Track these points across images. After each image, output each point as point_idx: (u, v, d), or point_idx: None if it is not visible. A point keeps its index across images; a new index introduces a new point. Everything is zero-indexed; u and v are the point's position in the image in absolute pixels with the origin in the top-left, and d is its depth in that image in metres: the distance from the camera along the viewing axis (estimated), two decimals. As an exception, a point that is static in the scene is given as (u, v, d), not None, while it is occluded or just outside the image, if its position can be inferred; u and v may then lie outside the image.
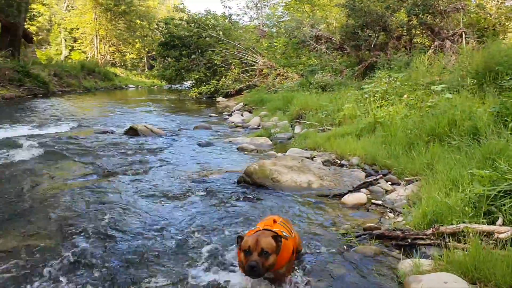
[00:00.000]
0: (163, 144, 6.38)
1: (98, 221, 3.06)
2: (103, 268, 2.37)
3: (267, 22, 29.17)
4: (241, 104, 12.95)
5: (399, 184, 3.97)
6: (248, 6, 32.20)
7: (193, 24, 19.20)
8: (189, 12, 20.41)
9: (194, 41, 19.03)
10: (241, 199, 3.62)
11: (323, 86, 12.25)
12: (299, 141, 6.35)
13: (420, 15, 12.12)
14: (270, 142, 6.58)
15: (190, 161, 5.17)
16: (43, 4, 31.93)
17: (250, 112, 11.39)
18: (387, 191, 3.84)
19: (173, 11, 25.34)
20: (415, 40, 14.07)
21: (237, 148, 6.07)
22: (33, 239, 2.74)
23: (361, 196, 3.54)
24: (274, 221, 2.29)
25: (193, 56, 19.16)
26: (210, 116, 11.33)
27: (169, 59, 19.18)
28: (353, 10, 14.33)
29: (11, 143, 5.90)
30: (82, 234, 2.83)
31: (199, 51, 19.01)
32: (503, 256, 2.08)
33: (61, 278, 2.26)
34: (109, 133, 7.37)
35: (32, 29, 33.18)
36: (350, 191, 3.76)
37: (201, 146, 6.24)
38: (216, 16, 20.15)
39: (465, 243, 2.31)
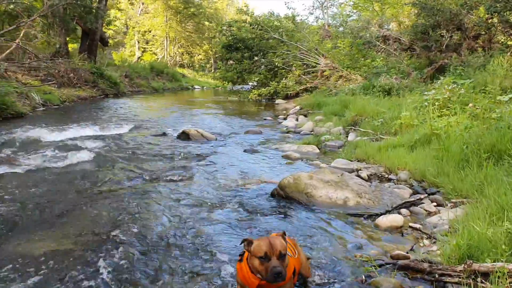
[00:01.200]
0: (210, 149, 6.51)
1: (126, 229, 3.19)
2: (119, 274, 2.47)
3: (334, 22, 28.56)
4: (298, 107, 12.80)
5: (444, 206, 3.64)
6: (313, 6, 31.74)
7: (256, 26, 19.40)
8: (253, 14, 20.63)
9: (256, 43, 19.23)
10: (271, 213, 3.56)
11: (388, 89, 11.68)
12: (348, 151, 6.11)
13: (501, 12, 11.02)
14: (318, 151, 6.41)
15: (231, 169, 5.21)
16: (119, 9, 34.31)
17: (305, 116, 11.22)
18: (429, 213, 3.53)
19: (237, 13, 25.85)
20: (495, 40, 12.85)
21: (282, 156, 6.00)
22: (61, 245, 2.94)
23: (397, 219, 3.29)
24: None
25: (255, 58, 19.38)
26: (265, 119, 11.36)
27: (231, 61, 19.60)
28: (424, 9, 13.50)
29: (71, 145, 6.39)
30: (110, 242, 2.97)
31: (261, 53, 19.17)
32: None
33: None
34: (164, 135, 7.70)
35: (109, 33, 35.93)
36: (388, 211, 3.52)
37: (246, 153, 6.27)
38: (279, 18, 20.15)
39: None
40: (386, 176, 4.88)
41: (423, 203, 3.72)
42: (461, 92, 6.97)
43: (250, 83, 20.35)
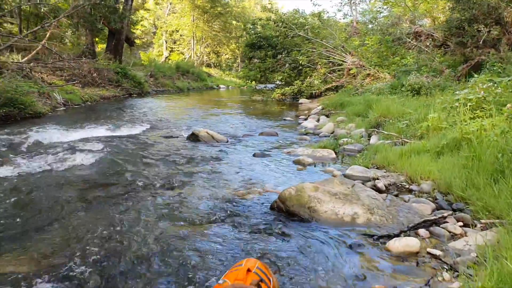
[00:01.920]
0: (218, 152, 6.12)
1: (105, 245, 2.85)
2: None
3: (362, 19, 27.57)
4: (320, 107, 12.23)
5: (472, 227, 3.07)
6: (341, 3, 30.85)
7: (281, 24, 18.90)
8: (277, 11, 20.14)
9: (280, 41, 18.73)
10: (266, 231, 3.12)
11: (417, 88, 10.95)
12: (366, 156, 5.55)
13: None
14: (334, 155, 5.87)
15: (235, 176, 4.79)
16: (147, 10, 34.66)
17: (327, 116, 10.65)
18: (453, 236, 2.97)
19: (261, 11, 25.44)
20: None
21: (293, 162, 5.52)
22: (30, 264, 2.62)
23: (412, 243, 2.76)
24: (248, 270, 1.78)
25: (279, 57, 18.90)
26: (284, 119, 10.89)
27: (255, 60, 19.19)
28: (459, 2, 12.60)
29: (77, 147, 6.17)
30: (82, 260, 2.63)
31: (285, 51, 18.65)
32: None
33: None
34: (175, 137, 7.39)
35: (138, 33, 36.42)
36: (402, 232, 3.00)
37: (255, 157, 5.83)
38: (304, 15, 19.57)
39: None
40: (407, 186, 4.31)
41: (446, 222, 3.16)
42: (498, 91, 6.24)
43: (274, 83, 19.87)
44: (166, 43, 40.16)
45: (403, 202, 3.58)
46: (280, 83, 19.29)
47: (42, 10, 15.25)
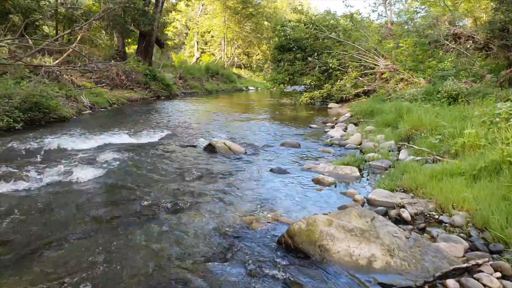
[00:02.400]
0: (233, 167, 5.79)
1: (89, 279, 2.59)
2: None
3: (398, 20, 26.48)
4: (348, 114, 11.68)
5: (514, 282, 2.59)
6: (375, 3, 29.80)
7: (311, 26, 18.41)
8: (307, 13, 19.63)
9: (310, 44, 18.24)
10: (268, 272, 2.75)
11: (454, 95, 10.24)
12: (393, 176, 5.06)
13: None
14: (358, 174, 5.40)
15: (247, 196, 4.45)
16: (178, 11, 34.95)
17: (356, 125, 10.12)
18: (490, 292, 2.51)
19: (290, 12, 24.96)
20: None
21: (312, 180, 5.12)
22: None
23: (437, 302, 2.33)
24: None
25: (309, 59, 18.41)
26: (310, 127, 10.44)
27: (283, 63, 18.77)
28: (502, 3, 11.74)
29: (90, 157, 6.05)
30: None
31: (315, 53, 18.13)
32: None
33: None
34: (192, 147, 7.15)
35: (170, 34, 36.82)
36: (427, 283, 2.56)
37: (272, 173, 5.46)
38: (336, 17, 18.96)
39: None
40: (436, 217, 3.82)
41: (481, 271, 2.69)
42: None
43: (302, 85, 19.40)
44: (198, 44, 40.42)
45: (429, 242, 3.11)
46: (309, 86, 18.80)
47: (74, 14, 15.50)
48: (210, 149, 6.64)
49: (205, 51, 40.81)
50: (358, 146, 7.65)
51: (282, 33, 19.03)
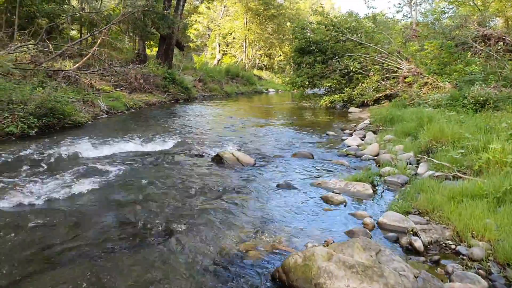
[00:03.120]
0: (239, 180, 5.54)
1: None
2: None
3: (424, 20, 25.56)
4: (367, 121, 11.24)
5: None
6: (400, 4, 28.91)
7: (332, 28, 17.97)
8: (328, 15, 19.18)
9: (331, 46, 17.80)
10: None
11: (482, 102, 9.69)
12: (408, 196, 4.69)
13: None
14: (370, 191, 5.05)
15: (248, 218, 4.17)
16: (199, 13, 35.03)
17: (374, 133, 9.70)
18: None
19: (311, 14, 24.50)
20: None
21: (321, 198, 4.81)
22: None
23: None
24: None
25: (329, 62, 17.98)
26: (327, 134, 10.08)
27: (303, 66, 18.39)
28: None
29: (100, 165, 5.94)
30: None
31: (336, 56, 17.69)
32: None
33: None
34: (200, 157, 6.94)
35: (192, 36, 36.96)
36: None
37: (278, 189, 5.18)
38: (357, 18, 18.45)
39: None
40: (453, 247, 3.46)
41: (501, 323, 2.34)
42: None
43: (324, 88, 18.97)
44: (220, 46, 40.42)
45: (441, 283, 2.76)
46: (329, 89, 18.37)
47: (95, 18, 15.66)
48: (218, 160, 6.42)
49: (226, 53, 40.77)
50: (375, 158, 7.26)
51: (302, 35, 18.64)
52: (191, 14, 33.63)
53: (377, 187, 5.31)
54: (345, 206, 4.56)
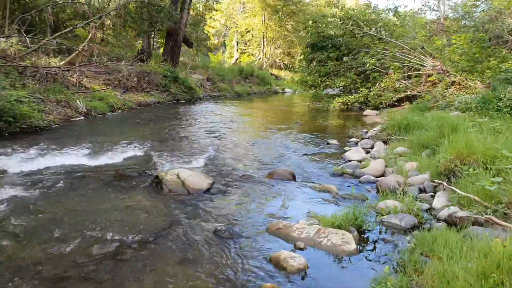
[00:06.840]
0: (170, 221, 3.80)
1: None
2: None
3: (453, 14, 23.14)
4: (378, 128, 9.38)
5: None
6: (426, -5, 26.46)
7: (347, 21, 16.10)
8: (344, 6, 17.29)
9: (346, 41, 15.92)
10: None
11: (523, 106, 7.86)
12: (408, 263, 2.93)
13: None
14: (352, 247, 3.23)
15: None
16: (214, 10, 33.68)
17: (385, 142, 7.87)
18: None
19: (325, 6, 22.58)
20: None
21: (270, 260, 3.10)
22: None
23: None
24: None
25: (344, 59, 16.12)
26: (328, 143, 8.33)
27: (314, 63, 16.59)
28: None
29: (26, 181, 4.49)
30: None
31: (351, 52, 15.79)
32: None
33: None
34: (139, 177, 5.31)
35: (209, 35, 35.68)
36: None
37: (216, 237, 3.46)
38: (377, 10, 16.48)
39: None
40: None
41: None
42: None
43: (337, 89, 17.13)
44: (237, 44, 38.95)
45: None
46: (343, 89, 16.52)
47: (86, 10, 14.44)
48: (157, 182, 4.77)
49: (244, 52, 39.22)
50: (378, 179, 5.48)
51: (314, 30, 16.83)
52: (208, 10, 32.26)
53: (366, 235, 3.57)
54: (303, 278, 2.84)
